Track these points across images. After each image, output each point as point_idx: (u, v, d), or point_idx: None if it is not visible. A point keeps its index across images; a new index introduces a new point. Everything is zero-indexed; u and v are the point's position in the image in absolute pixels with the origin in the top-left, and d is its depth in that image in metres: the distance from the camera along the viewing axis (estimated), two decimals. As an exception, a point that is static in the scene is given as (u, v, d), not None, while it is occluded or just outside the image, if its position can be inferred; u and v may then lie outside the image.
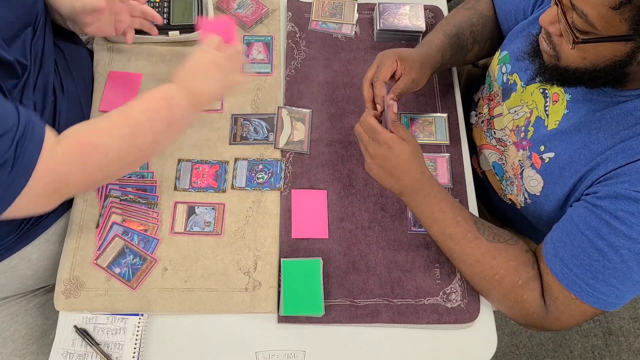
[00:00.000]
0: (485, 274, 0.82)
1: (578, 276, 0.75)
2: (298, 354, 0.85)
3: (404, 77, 0.90)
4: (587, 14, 0.64)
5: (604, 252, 0.73)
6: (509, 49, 0.95)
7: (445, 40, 0.98)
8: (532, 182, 0.87)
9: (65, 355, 0.83)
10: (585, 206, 0.76)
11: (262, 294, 0.88)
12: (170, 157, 0.98)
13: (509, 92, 0.93)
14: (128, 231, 0.90)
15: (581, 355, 1.64)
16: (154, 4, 1.05)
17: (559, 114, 0.83)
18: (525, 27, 0.92)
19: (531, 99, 0.89)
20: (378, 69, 0.90)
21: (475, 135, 1.06)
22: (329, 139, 1.01)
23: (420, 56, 0.93)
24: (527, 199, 0.90)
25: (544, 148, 0.85)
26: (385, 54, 0.91)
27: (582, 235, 0.75)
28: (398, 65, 0.89)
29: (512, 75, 0.92)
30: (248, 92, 1.04)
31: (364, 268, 0.91)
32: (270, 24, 1.12)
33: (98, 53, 1.06)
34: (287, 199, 0.96)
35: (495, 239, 0.83)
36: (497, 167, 0.99)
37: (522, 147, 0.90)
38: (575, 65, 0.72)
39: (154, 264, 0.89)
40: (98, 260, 0.88)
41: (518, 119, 0.91)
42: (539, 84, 0.87)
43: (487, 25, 1.02)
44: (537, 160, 0.86)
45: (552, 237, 0.80)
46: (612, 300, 0.75)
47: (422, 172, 0.84)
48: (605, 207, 0.73)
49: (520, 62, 0.90)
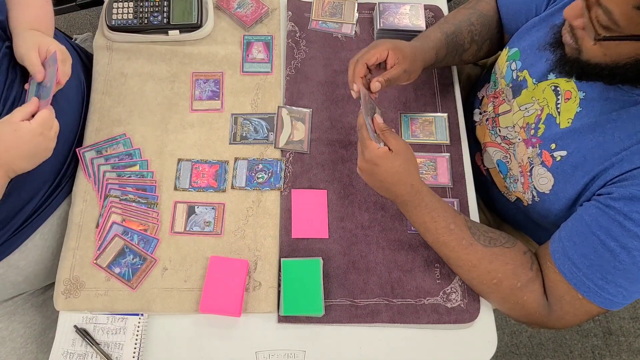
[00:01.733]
0: (483, 279, 0.82)
1: (587, 276, 0.75)
2: (298, 354, 0.85)
3: (397, 66, 0.89)
4: (612, 11, 0.63)
5: (616, 253, 0.73)
6: (518, 45, 0.94)
7: (442, 37, 0.97)
8: (542, 180, 0.87)
9: (65, 355, 0.82)
10: (598, 206, 0.75)
11: (262, 294, 0.88)
12: (170, 156, 0.98)
13: (519, 89, 0.93)
14: (128, 231, 0.90)
15: (581, 355, 1.64)
16: (154, 3, 1.05)
17: (572, 111, 0.83)
18: (537, 23, 0.91)
19: (542, 96, 0.88)
20: (367, 52, 0.89)
21: (479, 133, 1.05)
22: (329, 139, 1.01)
23: (414, 49, 0.92)
24: (535, 197, 0.89)
25: (555, 146, 0.84)
26: (379, 42, 0.90)
27: (593, 235, 0.74)
28: (390, 55, 0.89)
29: (522, 72, 0.92)
30: (248, 92, 1.04)
31: (364, 268, 0.91)
32: (270, 23, 1.12)
33: (97, 52, 1.06)
34: (287, 199, 0.95)
35: (492, 243, 0.82)
36: (501, 165, 0.98)
37: (531, 145, 0.89)
38: (596, 60, 0.71)
39: (154, 264, 0.88)
40: (98, 260, 0.88)
41: (528, 116, 0.90)
42: (550, 81, 0.86)
43: (487, 25, 1.02)
44: (548, 159, 0.85)
45: (561, 236, 0.79)
46: (619, 300, 0.75)
47: (412, 184, 0.83)
48: (619, 209, 0.72)
49: (531, 58, 0.89)
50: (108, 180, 0.94)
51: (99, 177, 0.94)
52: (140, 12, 1.04)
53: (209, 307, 0.84)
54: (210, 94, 1.04)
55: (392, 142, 0.82)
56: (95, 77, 1.03)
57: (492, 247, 0.82)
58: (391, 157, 0.81)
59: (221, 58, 1.07)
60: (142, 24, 1.04)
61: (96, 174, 0.94)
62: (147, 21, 1.04)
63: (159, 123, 1.00)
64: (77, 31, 2.02)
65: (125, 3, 1.04)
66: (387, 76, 0.88)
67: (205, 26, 1.07)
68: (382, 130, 0.83)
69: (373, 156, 0.81)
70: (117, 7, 1.04)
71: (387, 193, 0.85)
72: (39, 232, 0.92)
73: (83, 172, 0.95)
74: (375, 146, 0.81)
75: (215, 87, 1.04)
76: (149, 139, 0.99)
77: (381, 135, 0.83)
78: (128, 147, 0.98)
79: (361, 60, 0.88)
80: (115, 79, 1.04)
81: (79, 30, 2.03)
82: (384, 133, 0.83)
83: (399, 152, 0.82)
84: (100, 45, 1.06)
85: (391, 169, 0.81)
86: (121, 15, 1.04)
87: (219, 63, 1.06)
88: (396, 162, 0.81)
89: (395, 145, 0.82)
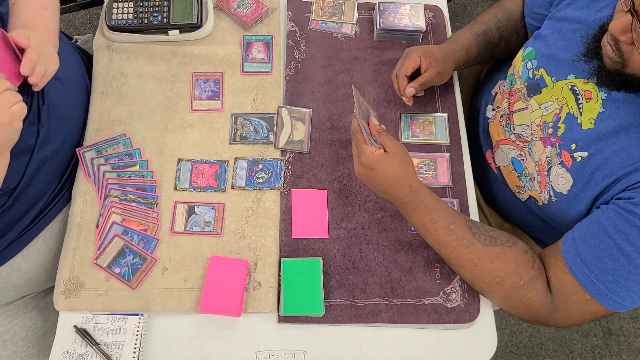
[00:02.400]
0: (485, 278, 0.82)
1: (599, 279, 0.75)
2: (298, 354, 0.85)
3: (430, 70, 0.97)
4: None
5: (632, 257, 0.72)
6: (534, 45, 0.95)
7: (471, 37, 1.04)
8: (560, 181, 0.86)
9: (65, 355, 0.82)
10: (617, 210, 0.75)
11: (262, 294, 0.88)
12: (170, 156, 0.98)
13: (537, 87, 0.92)
14: (128, 231, 0.90)
15: (581, 355, 1.64)
16: (154, 3, 1.05)
17: (594, 112, 0.82)
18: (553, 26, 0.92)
19: (561, 95, 0.87)
20: (401, 63, 0.97)
21: (492, 130, 1.05)
22: (329, 139, 1.01)
23: (444, 51, 1.00)
24: (552, 197, 0.88)
25: (575, 146, 0.83)
26: (411, 50, 0.99)
27: (610, 238, 0.74)
28: (422, 60, 0.97)
29: (539, 71, 0.91)
30: (248, 92, 1.04)
31: (364, 268, 0.91)
32: (270, 23, 1.12)
33: (97, 52, 1.06)
34: (287, 199, 0.95)
35: (492, 242, 0.82)
36: (516, 163, 0.97)
37: (550, 144, 0.88)
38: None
39: (154, 264, 0.88)
40: (98, 260, 0.88)
41: (547, 114, 0.89)
42: (568, 81, 0.86)
43: (512, 19, 1.06)
44: (568, 159, 0.84)
45: (574, 237, 0.79)
46: (628, 304, 0.74)
47: (410, 186, 0.83)
48: (639, 214, 0.72)
49: (547, 57, 0.90)
50: (108, 180, 0.94)
51: (99, 177, 0.94)
52: (140, 12, 1.04)
53: (209, 307, 0.84)
54: (210, 94, 1.04)
55: (389, 144, 0.82)
56: (95, 77, 1.03)
57: (493, 246, 0.82)
58: (388, 159, 0.81)
59: (221, 58, 1.07)
60: (142, 24, 1.04)
61: (96, 174, 0.94)
62: (147, 21, 1.04)
63: (159, 123, 1.00)
64: (77, 31, 2.02)
65: (125, 3, 1.04)
66: (420, 81, 0.96)
67: (205, 26, 1.07)
68: (378, 132, 0.83)
69: (370, 160, 0.81)
70: (117, 7, 1.04)
71: (386, 196, 0.85)
72: (41, 235, 0.92)
73: (83, 172, 0.95)
74: (371, 150, 0.81)
75: (215, 87, 1.04)
76: (149, 139, 0.99)
77: (378, 137, 0.83)
78: (128, 147, 0.98)
79: (400, 75, 0.97)
80: (115, 79, 1.04)
81: (79, 31, 2.03)
82: (380, 134, 0.83)
83: (395, 154, 0.82)
84: (100, 45, 1.06)
85: (389, 171, 0.81)
86: (121, 15, 1.04)
87: (219, 63, 1.06)
88: (393, 164, 0.81)
89: (391, 147, 0.82)
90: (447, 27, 1.15)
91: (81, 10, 1.48)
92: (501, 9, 1.07)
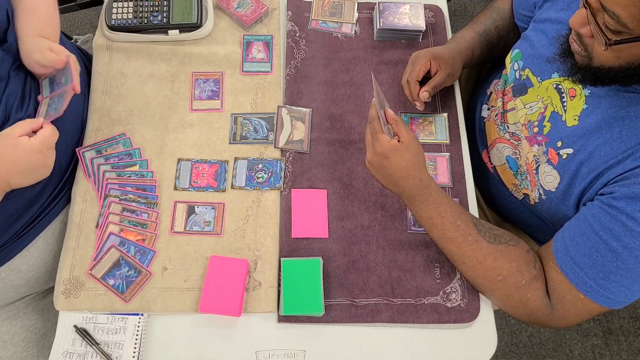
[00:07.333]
0: (488, 275, 0.82)
1: (589, 276, 0.75)
2: (298, 354, 0.85)
3: (440, 72, 0.97)
4: (619, 14, 0.63)
5: (618, 252, 0.73)
6: (520, 46, 0.97)
7: (475, 37, 1.05)
8: (548, 178, 0.87)
9: (65, 354, 0.82)
10: (600, 206, 0.75)
11: (262, 294, 0.88)
12: (170, 156, 0.98)
13: (524, 87, 0.93)
14: (125, 242, 0.90)
15: (581, 355, 1.64)
16: (154, 3, 1.05)
17: (578, 109, 0.83)
18: (536, 28, 0.93)
19: (546, 95, 0.89)
20: (412, 69, 0.97)
21: (488, 129, 1.06)
22: (328, 139, 1.01)
23: (451, 51, 1.00)
24: (542, 195, 0.89)
25: (561, 144, 0.84)
26: (420, 54, 0.98)
27: (596, 235, 0.74)
28: (432, 64, 0.96)
29: (525, 71, 0.93)
30: (248, 92, 1.04)
31: (364, 268, 0.91)
32: (270, 23, 1.12)
33: (97, 52, 1.06)
34: (287, 199, 0.95)
35: (496, 240, 0.83)
36: (511, 161, 0.98)
37: (537, 142, 0.89)
38: (609, 64, 0.71)
39: (148, 277, 0.88)
40: (92, 271, 0.87)
41: (531, 114, 0.91)
42: (553, 80, 0.87)
43: (506, 18, 1.07)
44: (554, 156, 0.85)
45: (564, 236, 0.80)
46: (621, 299, 0.75)
47: (420, 178, 0.83)
48: (621, 208, 0.72)
49: (532, 58, 0.91)
50: (108, 180, 0.94)
51: (99, 176, 0.94)
52: (140, 11, 1.04)
53: (208, 307, 0.84)
54: (210, 93, 1.04)
55: (404, 134, 0.82)
56: (95, 76, 1.03)
57: (497, 244, 0.82)
58: (402, 150, 0.81)
59: (221, 58, 1.07)
60: (142, 24, 1.04)
61: (96, 174, 0.94)
62: (147, 21, 1.04)
63: (159, 123, 1.00)
64: (77, 31, 2.02)
65: (125, 3, 1.04)
66: (433, 84, 0.97)
67: (205, 26, 1.07)
68: (395, 120, 0.83)
69: (385, 149, 0.81)
70: (117, 7, 1.04)
71: (395, 187, 0.85)
72: (41, 236, 0.92)
73: (83, 172, 0.95)
74: (387, 139, 0.81)
75: (215, 86, 1.04)
76: (149, 138, 0.99)
77: (394, 124, 0.83)
78: (128, 146, 0.98)
79: (411, 80, 0.97)
80: (115, 79, 1.04)
81: (79, 30, 2.03)
82: (397, 123, 0.83)
83: (410, 145, 0.82)
84: (100, 45, 1.06)
85: (401, 162, 0.81)
86: (121, 15, 1.04)
87: (219, 63, 1.06)
88: (407, 155, 0.81)
89: (406, 137, 0.82)
90: (447, 26, 1.15)
91: (81, 10, 1.48)
92: (495, 9, 1.09)
